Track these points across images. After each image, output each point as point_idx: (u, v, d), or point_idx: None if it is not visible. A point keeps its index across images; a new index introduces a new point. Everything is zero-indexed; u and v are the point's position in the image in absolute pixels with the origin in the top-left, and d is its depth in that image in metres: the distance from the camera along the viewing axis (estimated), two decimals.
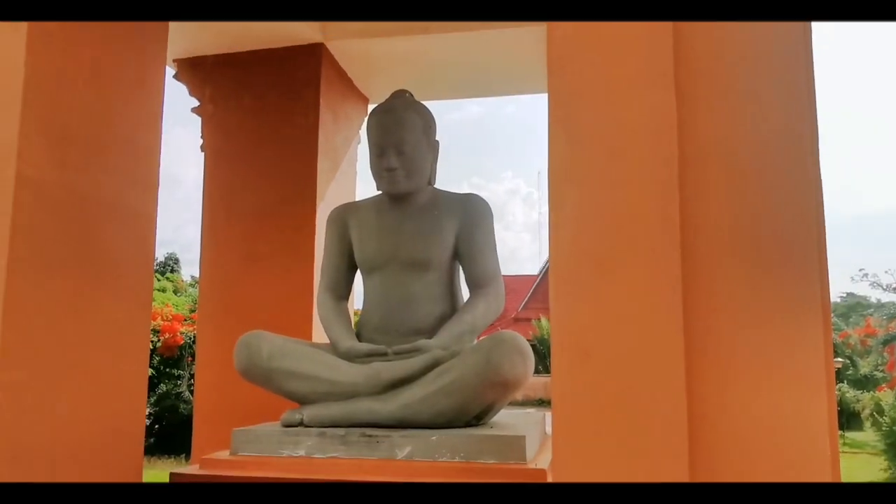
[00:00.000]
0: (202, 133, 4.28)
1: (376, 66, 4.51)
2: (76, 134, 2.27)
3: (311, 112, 4.14)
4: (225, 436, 2.67)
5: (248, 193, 4.13)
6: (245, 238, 4.12)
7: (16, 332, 2.00)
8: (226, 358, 2.88)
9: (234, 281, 4.10)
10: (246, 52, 4.20)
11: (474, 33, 4.00)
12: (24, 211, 2.05)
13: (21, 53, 2.06)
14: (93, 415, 2.31)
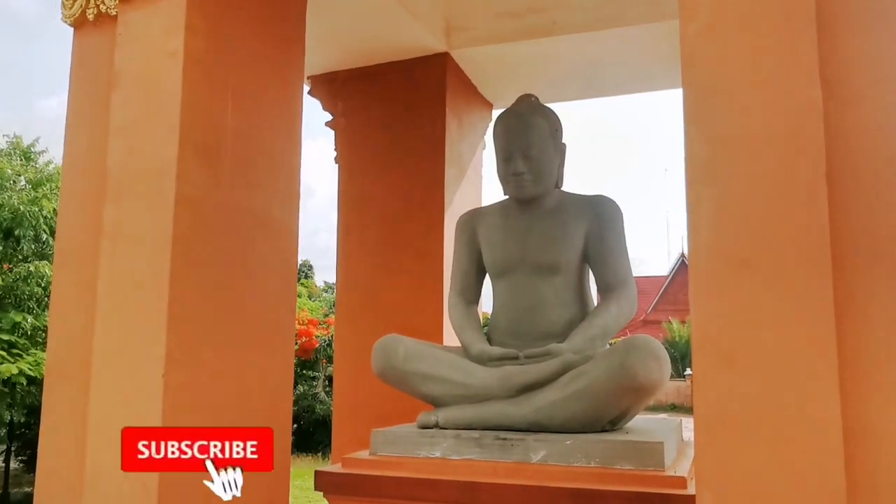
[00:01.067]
0: (335, 145, 4.47)
1: (500, 72, 4.55)
2: (226, 153, 2.44)
3: (437, 120, 4.23)
4: (362, 435, 2.78)
5: (380, 202, 4.27)
6: (377, 245, 4.26)
7: (178, 338, 2.17)
8: (362, 360, 2.99)
9: (368, 286, 4.25)
10: (374, 65, 4.35)
11: (599, 33, 3.95)
12: (183, 226, 2.23)
13: (178, 83, 2.25)
14: (246, 413, 2.47)
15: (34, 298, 10.57)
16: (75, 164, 2.58)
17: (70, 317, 2.48)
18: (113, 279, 2.30)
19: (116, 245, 2.32)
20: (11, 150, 11.97)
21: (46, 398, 2.54)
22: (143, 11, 2.42)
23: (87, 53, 2.62)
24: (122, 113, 2.39)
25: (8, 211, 10.57)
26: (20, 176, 11.53)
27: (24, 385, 10.28)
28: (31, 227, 10.60)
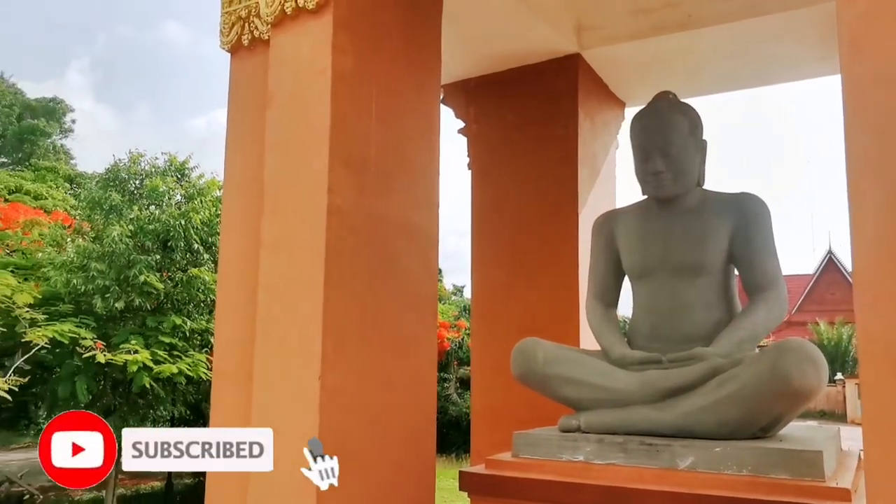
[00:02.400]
0: (468, 152, 4.55)
1: (633, 70, 4.46)
2: (370, 164, 2.56)
3: (569, 122, 4.21)
4: (500, 437, 2.81)
5: (513, 206, 4.31)
6: (511, 249, 4.30)
7: (332, 341, 2.30)
8: (499, 363, 3.03)
9: (503, 290, 4.29)
10: (505, 70, 4.39)
11: (738, 24, 3.80)
12: (334, 234, 2.36)
13: (327, 100, 2.38)
14: (394, 414, 2.57)
15: (192, 303, 11.40)
16: (235, 180, 2.78)
17: (233, 322, 2.67)
18: (271, 286, 2.46)
19: (274, 254, 2.48)
20: (167, 168, 12.98)
21: (214, 399, 2.75)
22: (293, 34, 2.58)
23: (243, 76, 2.82)
24: (277, 130, 2.56)
25: (163, 224, 11.47)
26: (174, 191, 12.48)
27: (184, 384, 11.11)
28: (182, 238, 11.45)
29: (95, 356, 10.10)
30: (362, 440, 2.44)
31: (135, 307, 11.11)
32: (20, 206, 19.53)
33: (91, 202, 12.17)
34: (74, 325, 10.55)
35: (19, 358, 10.43)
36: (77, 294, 11.18)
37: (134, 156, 12.77)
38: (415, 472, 2.69)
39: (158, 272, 11.22)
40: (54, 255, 12.11)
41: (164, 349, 10.76)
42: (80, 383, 10.57)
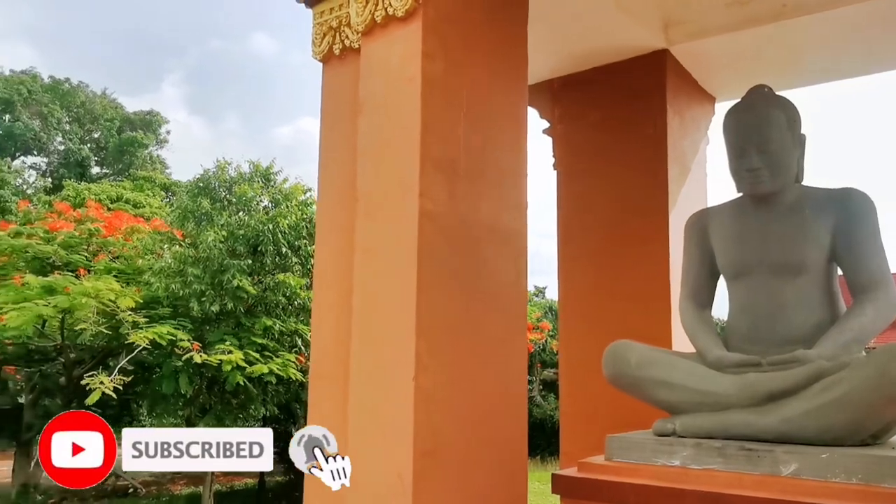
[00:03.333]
0: (553, 152, 4.53)
1: (723, 64, 4.34)
2: (460, 168, 2.58)
3: (657, 119, 4.13)
4: (590, 440, 2.79)
5: (601, 206, 4.26)
6: (599, 250, 4.25)
7: (426, 343, 2.34)
8: (588, 366, 3.01)
9: (591, 291, 4.25)
10: (591, 69, 4.34)
11: (838, 11, 3.64)
12: (426, 238, 2.40)
13: (417, 106, 2.42)
14: (485, 416, 2.59)
15: (280, 307, 11.77)
16: (329, 186, 2.87)
17: (329, 324, 2.76)
18: (366, 290, 2.53)
19: (368, 258, 2.54)
20: (253, 175, 13.44)
21: (311, 399, 2.84)
22: (382, 42, 2.64)
23: (335, 85, 2.91)
24: (368, 136, 2.62)
25: (253, 229, 11.89)
26: (261, 197, 12.91)
27: (274, 383, 11.48)
28: (271, 242, 11.84)
29: (192, 356, 10.56)
30: (454, 441, 2.47)
31: (228, 310, 11.55)
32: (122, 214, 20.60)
33: (183, 210, 12.73)
34: (173, 327, 11.06)
35: (123, 358, 11.02)
36: (175, 298, 11.72)
37: (221, 164, 13.28)
38: (507, 474, 2.70)
39: (249, 276, 11.63)
40: (153, 260, 12.73)
41: (255, 350, 11.15)
42: (183, 379, 11.07)
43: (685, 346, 3.00)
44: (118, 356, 12.00)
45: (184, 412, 13.04)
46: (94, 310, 11.22)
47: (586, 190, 4.36)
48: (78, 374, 13.52)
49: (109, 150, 39.46)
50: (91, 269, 14.29)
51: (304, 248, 12.36)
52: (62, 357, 13.80)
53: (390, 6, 2.58)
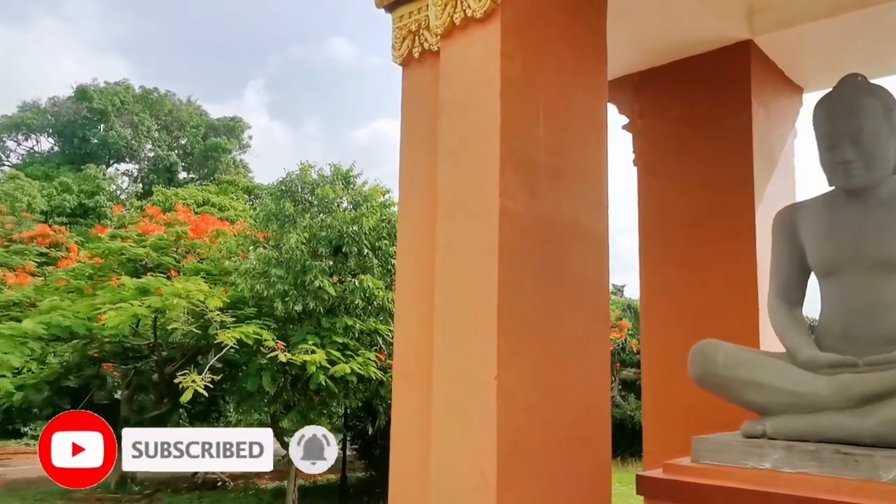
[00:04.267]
0: (633, 148, 4.46)
1: (811, 52, 4.17)
2: (539, 166, 2.58)
3: (742, 112, 4.01)
4: (673, 439, 2.73)
5: (683, 202, 4.17)
6: (683, 246, 4.16)
7: (507, 342, 2.35)
8: (671, 365, 2.95)
9: (675, 290, 4.16)
10: (671, 62, 4.26)
11: None
12: (506, 237, 2.41)
13: (496, 106, 2.44)
14: (568, 416, 2.58)
15: (360, 307, 11.99)
16: (410, 187, 2.92)
17: (411, 323, 2.80)
18: (447, 289, 2.56)
19: (449, 257, 2.57)
20: (334, 177, 13.73)
21: (395, 397, 2.89)
22: (461, 44, 2.66)
23: (415, 87, 2.95)
24: (449, 138, 2.65)
25: (335, 231, 12.16)
26: (342, 199, 13.18)
27: (355, 382, 11.70)
28: (353, 243, 12.08)
29: (277, 355, 10.88)
30: (537, 441, 2.47)
31: (310, 310, 11.84)
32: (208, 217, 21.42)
33: (267, 213, 13.12)
34: (258, 326, 11.42)
35: (212, 357, 11.46)
36: (259, 298, 12.09)
37: (304, 166, 13.62)
38: (589, 474, 2.68)
39: (330, 276, 11.89)
40: (239, 262, 13.18)
41: (337, 349, 11.39)
42: (266, 377, 11.42)
43: (774, 345, 2.91)
44: (206, 354, 12.48)
45: (269, 409, 13.45)
46: (184, 310, 11.70)
47: (668, 186, 4.28)
48: (169, 372, 14.14)
49: (195, 155, 41.11)
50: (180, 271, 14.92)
51: (384, 249, 12.55)
52: (155, 355, 14.45)
53: (469, 8, 2.60)
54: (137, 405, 16.45)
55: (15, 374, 12.92)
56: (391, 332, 12.24)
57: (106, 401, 19.36)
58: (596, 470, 2.71)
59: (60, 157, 38.00)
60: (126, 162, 40.93)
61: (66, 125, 38.26)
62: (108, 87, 39.49)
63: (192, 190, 33.80)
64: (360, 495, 15.15)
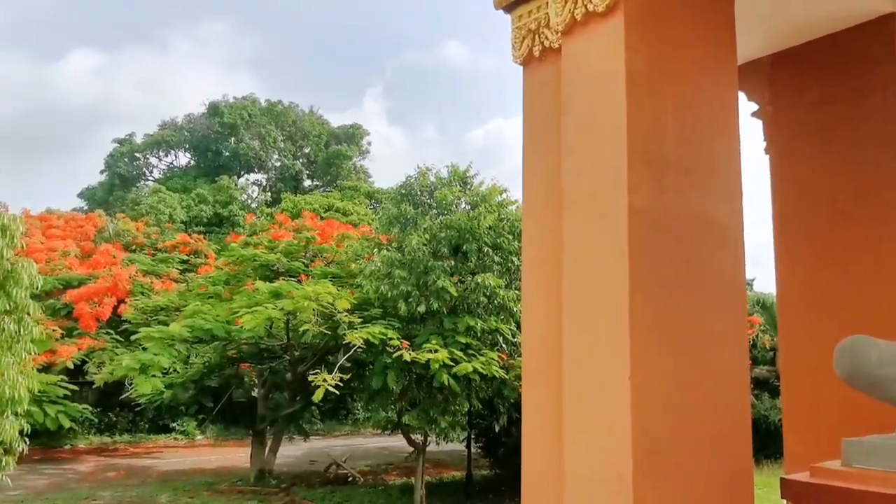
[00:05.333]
0: (765, 135, 4.25)
1: None
2: (669, 160, 2.51)
3: (886, 91, 3.73)
4: (817, 441, 2.59)
5: (822, 188, 3.93)
6: (822, 238, 3.92)
7: (640, 341, 2.30)
8: (814, 363, 2.79)
9: (815, 283, 3.93)
10: (805, 43, 4.02)
11: None
12: (636, 234, 2.36)
13: (622, 101, 2.39)
14: (706, 415, 2.50)
15: (480, 306, 12.08)
16: (534, 186, 2.91)
17: (539, 322, 2.80)
18: (576, 287, 2.54)
19: (577, 256, 2.55)
20: (451, 178, 13.90)
21: (525, 396, 2.90)
22: (584, 39, 2.64)
23: (536, 86, 2.94)
24: (573, 134, 2.63)
25: (454, 231, 12.32)
26: (460, 199, 13.32)
27: (478, 380, 11.80)
28: (473, 242, 12.19)
29: (402, 354, 11.15)
30: (674, 440, 2.40)
31: (433, 310, 12.06)
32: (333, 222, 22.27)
33: (389, 216, 13.46)
34: (383, 326, 11.75)
35: (341, 356, 11.89)
36: (384, 299, 12.43)
37: (423, 170, 13.88)
38: (729, 475, 2.58)
39: (451, 276, 12.06)
40: (364, 264, 13.61)
41: (459, 348, 11.53)
42: (391, 376, 11.73)
43: None
44: (335, 354, 12.97)
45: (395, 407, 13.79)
46: (314, 311, 12.22)
47: (806, 172, 4.04)
48: (301, 371, 14.80)
49: (318, 163, 42.77)
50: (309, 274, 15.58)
51: (504, 248, 12.59)
52: (287, 355, 15.17)
53: (590, 3, 2.57)
54: (273, 403, 17.30)
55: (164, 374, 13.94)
56: (512, 332, 12.29)
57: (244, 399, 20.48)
58: (737, 471, 2.60)
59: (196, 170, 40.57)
60: (255, 172, 43.17)
61: (200, 140, 40.79)
62: (237, 101, 41.76)
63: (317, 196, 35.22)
64: (486, 493, 15.24)
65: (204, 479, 16.46)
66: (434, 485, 15.61)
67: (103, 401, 21.60)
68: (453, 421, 14.87)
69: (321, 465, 17.62)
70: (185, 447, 23.06)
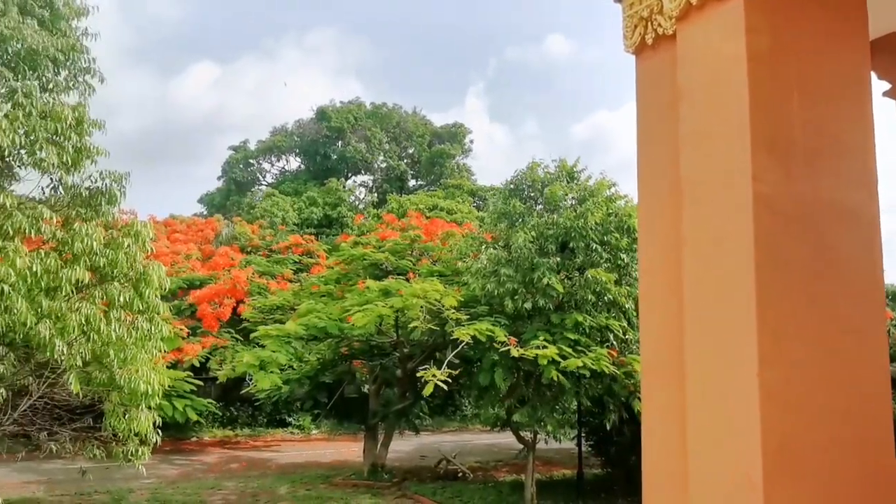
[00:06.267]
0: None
1: None
2: (796, 145, 2.38)
3: None
4: None
5: None
6: None
7: (769, 335, 2.19)
8: None
9: None
10: None
11: None
12: (762, 224, 2.25)
13: (744, 85, 2.29)
14: (842, 415, 2.35)
15: (589, 303, 11.90)
16: (649, 178, 2.83)
17: (658, 317, 2.71)
18: (698, 281, 2.44)
19: (698, 248, 2.46)
20: (559, 173, 13.75)
21: (645, 393, 2.82)
22: (700, 24, 2.53)
23: (649, 75, 2.86)
24: (691, 122, 2.53)
25: (561, 228, 12.18)
26: (567, 195, 13.16)
27: (588, 377, 11.63)
28: (580, 239, 12.02)
29: (510, 351, 11.15)
30: (807, 441, 2.27)
31: (539, 307, 11.98)
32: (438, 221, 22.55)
33: (498, 213, 13.46)
34: (490, 323, 11.78)
35: (449, 353, 12.02)
36: (490, 296, 12.47)
37: (533, 164, 13.79)
38: (870, 478, 2.42)
39: (557, 273, 11.94)
40: (470, 262, 13.70)
41: (568, 344, 11.40)
42: (499, 372, 11.75)
43: None
44: (443, 351, 13.13)
45: (504, 403, 13.81)
46: (422, 309, 12.42)
47: None
48: (410, 368, 15.07)
49: (422, 163, 43.38)
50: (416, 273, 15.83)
51: (613, 244, 12.35)
52: (397, 352, 15.48)
53: None
54: (384, 399, 17.70)
55: (281, 371, 14.54)
56: (623, 328, 12.04)
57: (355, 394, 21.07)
58: (876, 474, 2.43)
59: (306, 173, 42.04)
60: (362, 174, 44.29)
61: (309, 144, 42.24)
62: (343, 106, 42.95)
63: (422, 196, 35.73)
64: (598, 492, 15.00)
65: (319, 472, 17.04)
66: (544, 482, 15.51)
67: (224, 396, 22.77)
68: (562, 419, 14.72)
69: (431, 461, 17.86)
70: (301, 441, 23.96)
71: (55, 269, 8.91)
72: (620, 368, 11.63)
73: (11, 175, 9.66)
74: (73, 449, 11.12)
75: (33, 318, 8.62)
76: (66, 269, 8.99)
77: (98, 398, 10.67)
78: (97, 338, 9.33)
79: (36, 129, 8.92)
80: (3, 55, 9.30)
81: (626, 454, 14.32)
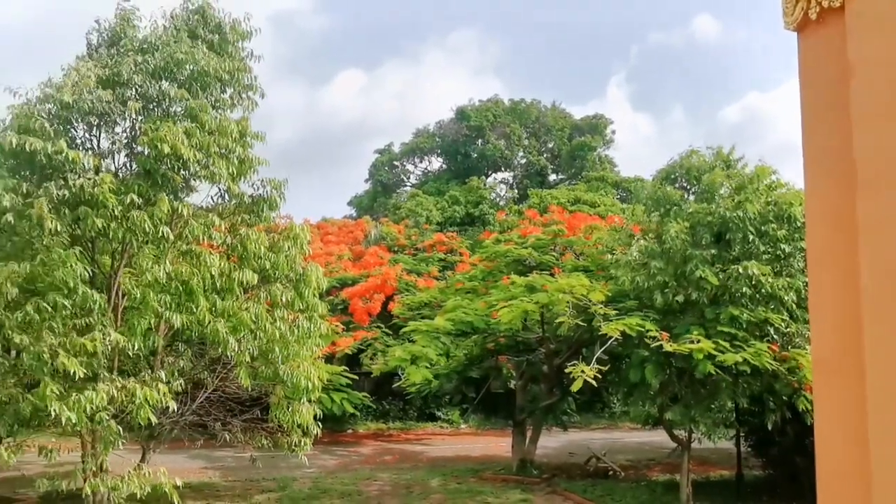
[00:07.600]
0: None
1: None
2: None
3: None
4: None
5: None
6: None
7: None
8: None
9: None
10: None
11: None
12: None
13: None
14: None
15: (745, 296, 11.27)
16: (817, 161, 2.66)
17: (830, 309, 2.55)
18: (879, 271, 2.27)
19: (878, 237, 2.29)
20: (714, 161, 13.11)
21: (817, 392, 2.67)
22: None
23: (814, 51, 2.69)
24: (866, 100, 2.36)
25: (717, 218, 11.61)
26: (723, 184, 12.51)
27: (747, 373, 11.02)
28: (738, 230, 11.40)
29: (662, 346, 10.78)
30: None
31: (692, 300, 11.50)
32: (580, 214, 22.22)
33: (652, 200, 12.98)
34: (640, 318, 11.45)
35: (597, 349, 11.83)
36: (639, 290, 12.12)
37: (692, 151, 13.23)
38: None
39: (711, 265, 11.42)
40: (618, 255, 13.39)
41: (724, 339, 10.87)
42: (649, 369, 11.41)
43: None
44: (590, 347, 12.93)
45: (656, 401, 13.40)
46: (568, 304, 12.29)
47: None
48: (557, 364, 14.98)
49: (562, 157, 42.88)
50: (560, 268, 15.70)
51: (771, 234, 11.63)
52: (543, 347, 15.42)
53: None
54: (531, 395, 17.69)
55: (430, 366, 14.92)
56: (785, 322, 11.30)
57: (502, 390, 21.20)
58: None
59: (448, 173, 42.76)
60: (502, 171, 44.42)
61: (450, 144, 42.91)
62: (482, 104, 43.26)
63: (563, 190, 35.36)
64: (759, 494, 14.21)
65: (469, 466, 17.31)
66: (700, 483, 14.90)
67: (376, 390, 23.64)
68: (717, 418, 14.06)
69: (580, 458, 17.65)
70: (450, 435, 24.42)
71: (228, 272, 9.66)
72: (783, 364, 10.92)
73: (189, 187, 10.57)
74: (243, 439, 12.01)
75: (210, 317, 9.39)
76: (237, 271, 9.72)
77: (264, 391, 11.46)
78: (263, 335, 10.02)
79: (209, 143, 9.73)
80: (178, 77, 10.19)
81: (789, 455, 13.46)
